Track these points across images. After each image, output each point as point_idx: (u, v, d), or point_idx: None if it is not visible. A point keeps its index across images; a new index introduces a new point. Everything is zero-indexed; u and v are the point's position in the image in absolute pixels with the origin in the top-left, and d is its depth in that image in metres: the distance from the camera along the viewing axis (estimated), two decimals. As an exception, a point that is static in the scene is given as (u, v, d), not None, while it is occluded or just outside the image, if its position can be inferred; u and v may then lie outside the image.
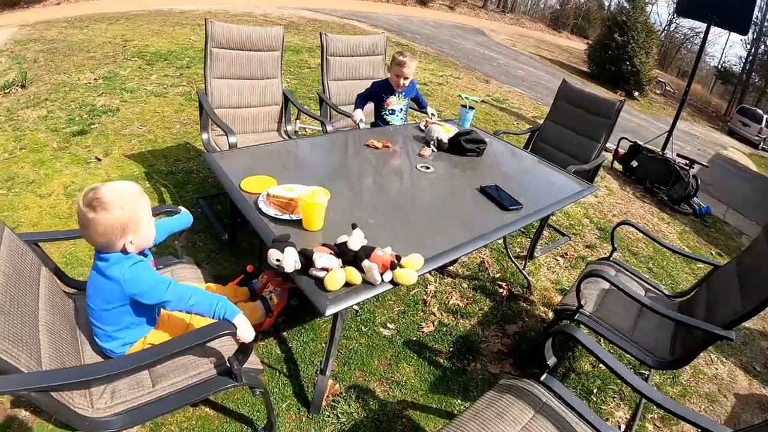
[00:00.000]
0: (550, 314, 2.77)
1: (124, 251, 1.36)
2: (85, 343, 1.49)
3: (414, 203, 2.08)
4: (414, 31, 14.56)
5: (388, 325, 2.41)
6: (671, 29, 38.01)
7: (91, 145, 3.79)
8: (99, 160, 3.54)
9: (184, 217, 1.80)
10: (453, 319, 2.55)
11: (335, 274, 1.40)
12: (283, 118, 3.38)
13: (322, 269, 1.41)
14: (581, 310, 2.03)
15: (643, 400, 2.29)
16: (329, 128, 3.00)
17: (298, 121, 3.64)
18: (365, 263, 1.43)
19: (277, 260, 1.41)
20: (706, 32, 6.39)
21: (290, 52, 7.76)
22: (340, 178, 2.26)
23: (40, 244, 1.57)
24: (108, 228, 1.29)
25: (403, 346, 2.31)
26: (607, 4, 38.12)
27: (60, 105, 4.56)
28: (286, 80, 3.33)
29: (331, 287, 1.39)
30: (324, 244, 1.53)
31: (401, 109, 3.34)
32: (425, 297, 2.66)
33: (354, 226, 1.54)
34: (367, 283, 1.46)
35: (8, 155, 3.54)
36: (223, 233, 2.79)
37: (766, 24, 29.33)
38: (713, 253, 4.43)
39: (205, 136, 2.97)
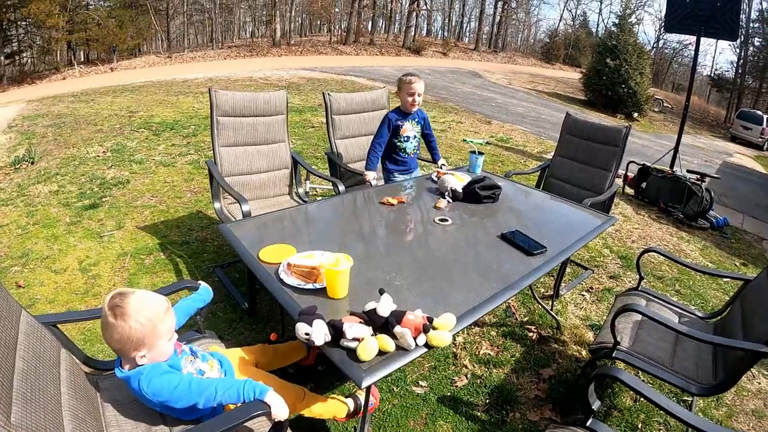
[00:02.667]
0: (584, 352, 2.67)
1: (135, 364, 1.35)
2: (111, 426, 1.41)
3: (437, 258, 2.04)
4: (410, 79, 14.85)
5: (420, 382, 2.33)
6: (660, 45, 38.80)
7: (104, 219, 3.83)
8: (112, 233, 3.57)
9: (203, 294, 1.77)
10: (485, 369, 2.47)
11: (368, 343, 1.35)
12: (294, 181, 3.38)
13: (354, 339, 1.37)
14: (618, 347, 1.96)
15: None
16: (341, 188, 2.97)
17: (307, 181, 3.64)
18: (397, 329, 1.38)
19: (306, 334, 1.37)
20: (697, 44, 6.43)
21: (293, 113, 7.92)
22: (359, 239, 2.24)
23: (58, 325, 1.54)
24: (124, 338, 1.30)
25: (438, 403, 2.23)
26: (594, 30, 39.20)
27: (70, 179, 4.65)
28: (292, 141, 3.36)
29: (365, 357, 1.34)
30: (353, 313, 1.49)
31: (415, 137, 3.28)
32: (455, 350, 2.58)
33: (381, 292, 1.50)
34: (401, 349, 1.41)
35: (21, 231, 3.58)
36: (243, 302, 2.74)
37: (751, 25, 29.83)
38: (737, 264, 4.34)
39: (217, 205, 2.97)
